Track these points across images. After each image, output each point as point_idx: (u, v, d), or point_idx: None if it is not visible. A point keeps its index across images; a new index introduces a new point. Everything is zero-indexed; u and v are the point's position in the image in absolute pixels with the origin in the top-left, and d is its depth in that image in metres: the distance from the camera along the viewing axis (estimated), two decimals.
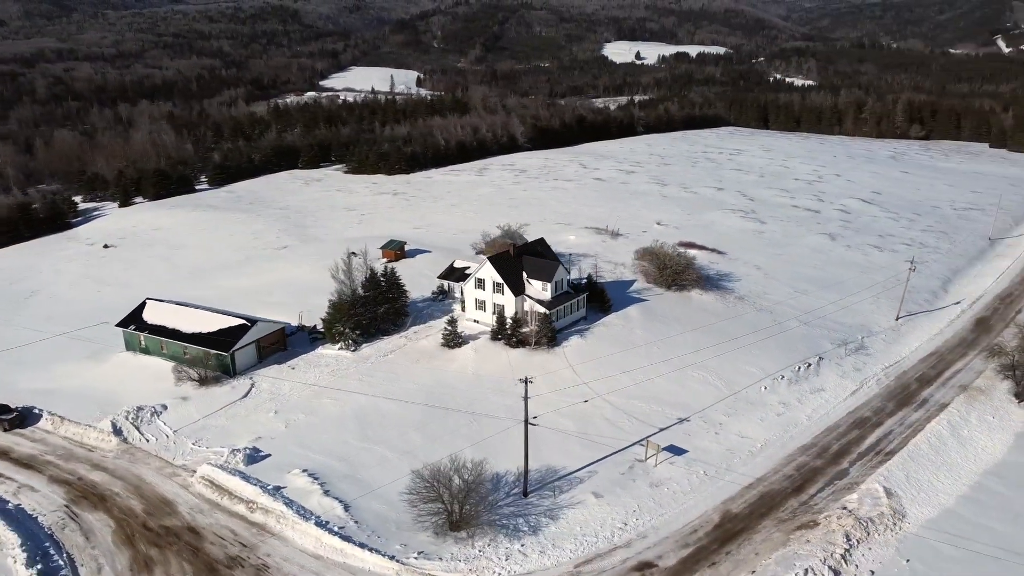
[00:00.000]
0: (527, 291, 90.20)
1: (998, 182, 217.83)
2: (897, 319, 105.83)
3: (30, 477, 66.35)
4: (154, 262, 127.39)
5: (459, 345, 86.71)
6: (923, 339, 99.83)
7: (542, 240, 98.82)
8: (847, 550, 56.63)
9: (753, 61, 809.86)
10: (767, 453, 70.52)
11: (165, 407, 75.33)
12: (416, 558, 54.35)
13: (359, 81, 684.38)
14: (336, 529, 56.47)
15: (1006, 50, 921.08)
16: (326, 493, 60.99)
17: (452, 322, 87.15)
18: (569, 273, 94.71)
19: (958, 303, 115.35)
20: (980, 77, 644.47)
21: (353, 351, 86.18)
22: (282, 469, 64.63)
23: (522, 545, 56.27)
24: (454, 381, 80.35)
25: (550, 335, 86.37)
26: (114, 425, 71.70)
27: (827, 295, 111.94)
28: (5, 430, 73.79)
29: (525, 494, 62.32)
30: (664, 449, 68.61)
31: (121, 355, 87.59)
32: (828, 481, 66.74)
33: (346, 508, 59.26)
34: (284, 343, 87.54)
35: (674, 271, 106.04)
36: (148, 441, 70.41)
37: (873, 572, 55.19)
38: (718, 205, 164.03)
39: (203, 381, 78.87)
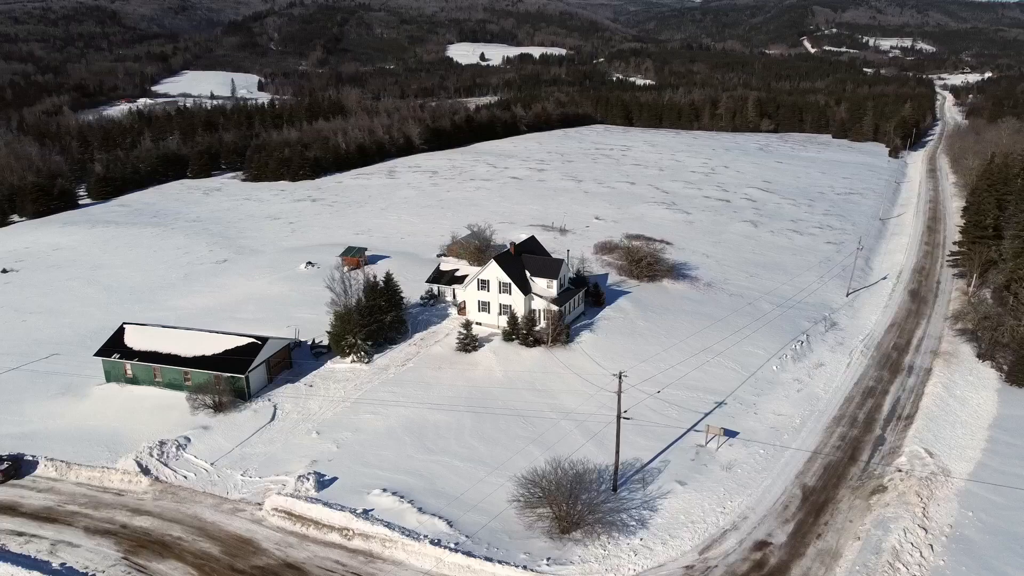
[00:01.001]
0: (534, 289, 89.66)
1: (858, 169, 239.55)
2: (848, 295, 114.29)
3: (60, 531, 58.49)
4: (78, 285, 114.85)
5: (475, 349, 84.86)
6: (877, 312, 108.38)
7: (533, 238, 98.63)
8: (924, 508, 60.80)
9: (594, 61, 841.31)
10: (808, 428, 74.19)
11: (188, 439, 68.70)
12: (549, 565, 52.99)
13: (195, 85, 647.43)
14: (453, 546, 53.93)
15: (812, 50, 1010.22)
16: (420, 511, 58.04)
17: (467, 325, 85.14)
18: (570, 270, 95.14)
19: (884, 278, 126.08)
20: (796, 75, 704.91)
21: (367, 363, 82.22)
22: (358, 491, 60.81)
23: (641, 539, 56.21)
24: (487, 385, 78.61)
25: (565, 332, 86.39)
26: (139, 463, 64.65)
27: (777, 277, 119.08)
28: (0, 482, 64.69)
29: (615, 489, 62.18)
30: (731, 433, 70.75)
31: (103, 387, 78.73)
32: (873, 448, 71.24)
33: (449, 524, 56.69)
34: (290, 360, 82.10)
35: (648, 263, 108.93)
36: (186, 477, 64.01)
37: (951, 526, 59.47)
38: (639, 199, 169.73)
39: (219, 407, 72.59)
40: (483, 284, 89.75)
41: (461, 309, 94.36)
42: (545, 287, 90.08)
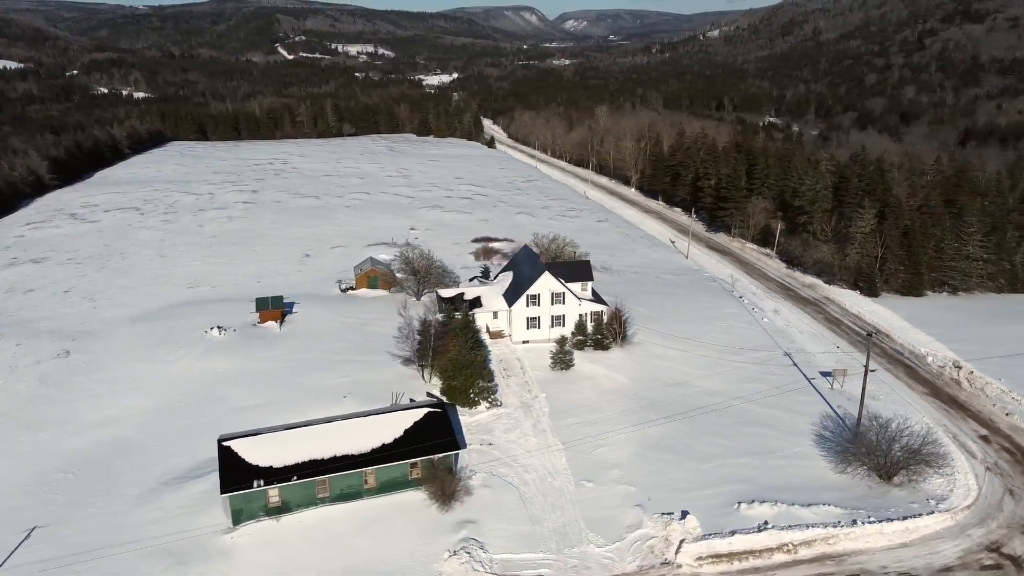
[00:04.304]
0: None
1: (493, 160, 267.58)
2: (687, 258, 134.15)
3: None
4: None
5: (572, 364, 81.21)
6: (722, 267, 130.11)
7: (526, 247, 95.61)
8: (1004, 389, 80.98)
9: (67, 74, 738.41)
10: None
11: (475, 540, 55.09)
12: (940, 504, 59.28)
13: None
14: (873, 520, 56.49)
15: (289, 56, 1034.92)
16: (799, 505, 58.24)
17: (562, 341, 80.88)
18: None
19: (673, 242, 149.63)
20: (299, 80, 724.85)
21: (499, 405, 73.09)
22: (722, 513, 57.64)
23: (943, 463, 65.17)
24: (631, 393, 76.75)
25: (624, 331, 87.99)
26: None
27: (626, 254, 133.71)
28: None
29: (855, 435, 69.80)
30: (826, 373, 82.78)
31: (241, 533, 55.73)
32: (906, 357, 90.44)
33: (836, 506, 58.51)
34: None
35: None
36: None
37: (1016, 397, 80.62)
38: (407, 208, 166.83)
39: (447, 496, 59.00)
40: (532, 299, 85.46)
41: (490, 333, 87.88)
42: (580, 290, 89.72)
